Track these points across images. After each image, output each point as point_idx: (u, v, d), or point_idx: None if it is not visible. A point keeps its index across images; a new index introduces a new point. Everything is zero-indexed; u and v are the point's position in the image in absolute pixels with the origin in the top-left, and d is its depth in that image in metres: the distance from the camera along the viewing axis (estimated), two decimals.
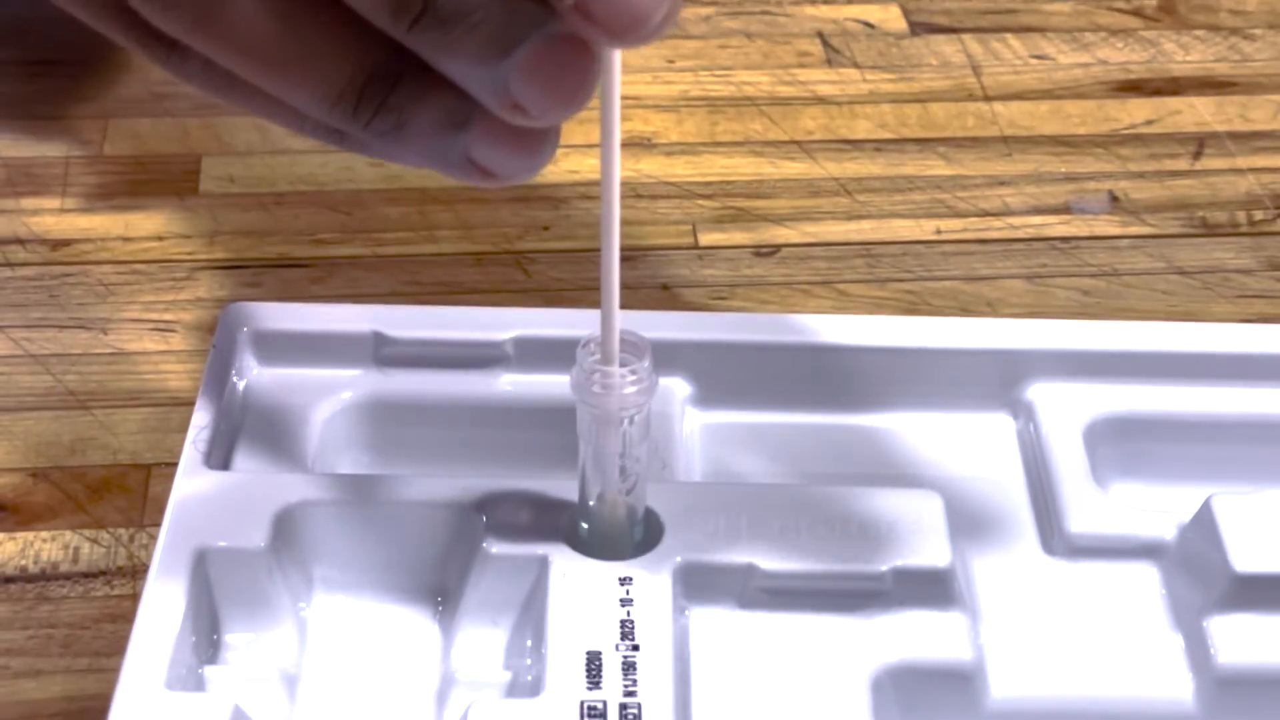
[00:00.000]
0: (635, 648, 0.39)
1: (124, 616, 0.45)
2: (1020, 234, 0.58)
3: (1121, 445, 0.48)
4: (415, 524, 0.43)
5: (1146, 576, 0.44)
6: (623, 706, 0.38)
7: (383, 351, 0.47)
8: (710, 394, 0.48)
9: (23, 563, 0.46)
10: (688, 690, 0.40)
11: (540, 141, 0.31)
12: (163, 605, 0.40)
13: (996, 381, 0.48)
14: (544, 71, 0.29)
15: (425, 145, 0.31)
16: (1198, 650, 0.42)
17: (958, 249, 0.57)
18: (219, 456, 0.44)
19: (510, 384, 0.48)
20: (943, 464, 0.48)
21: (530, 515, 0.42)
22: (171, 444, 0.49)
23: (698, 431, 0.48)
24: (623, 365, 0.39)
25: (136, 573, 0.46)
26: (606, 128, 0.34)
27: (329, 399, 0.47)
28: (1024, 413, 0.48)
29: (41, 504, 0.47)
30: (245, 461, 0.45)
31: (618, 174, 0.35)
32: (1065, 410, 0.47)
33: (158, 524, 0.46)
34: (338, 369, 0.47)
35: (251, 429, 0.46)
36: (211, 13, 0.30)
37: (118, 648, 0.40)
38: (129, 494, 0.48)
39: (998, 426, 0.48)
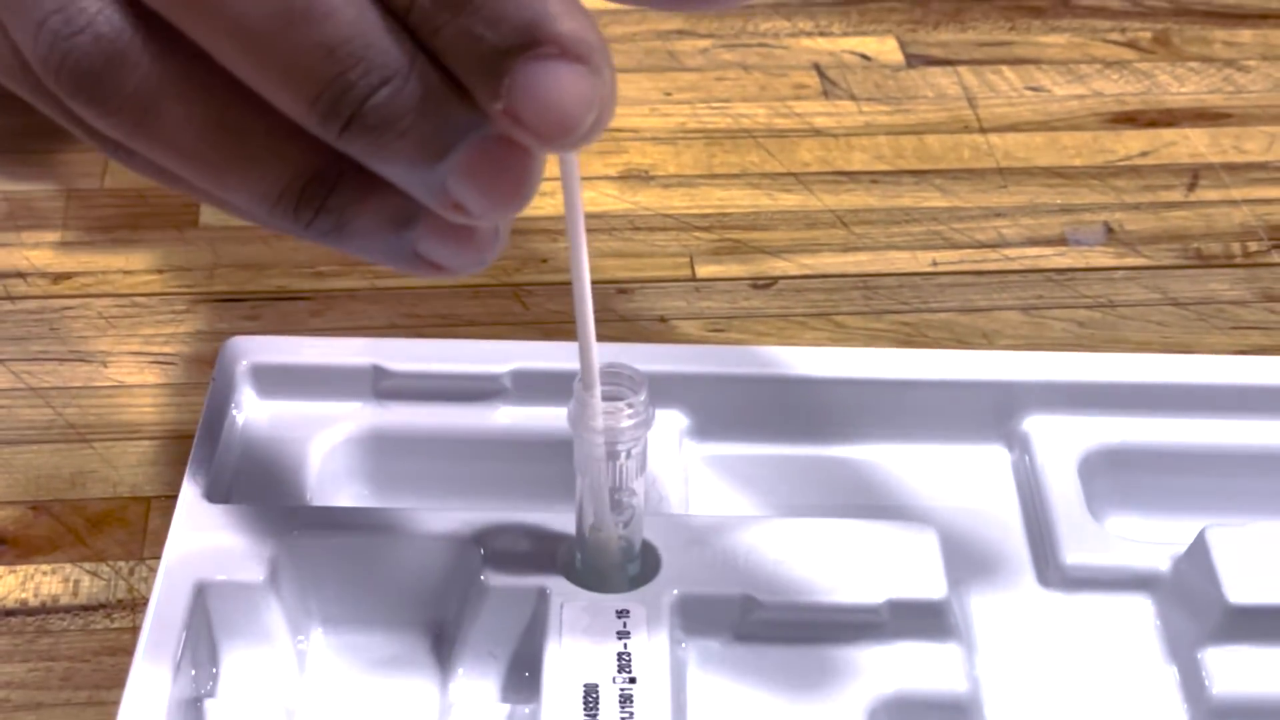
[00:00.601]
0: (633, 680, 0.39)
1: (124, 649, 0.45)
2: (1016, 265, 0.58)
3: (1116, 477, 0.48)
4: (413, 557, 0.43)
5: (1141, 608, 0.45)
6: None
7: (381, 384, 0.47)
8: (707, 427, 0.48)
9: (23, 596, 0.46)
10: None
11: (488, 236, 0.31)
12: (162, 638, 0.40)
13: (991, 413, 0.49)
14: (482, 173, 0.29)
15: (369, 244, 0.31)
16: (1192, 682, 0.42)
17: (954, 280, 0.58)
18: (219, 490, 0.44)
19: (508, 416, 0.48)
20: (938, 496, 0.48)
21: (528, 548, 0.42)
22: (171, 477, 0.49)
23: (695, 464, 0.48)
24: (619, 399, 0.39)
25: (136, 606, 0.46)
26: (572, 225, 0.35)
27: (328, 432, 0.47)
28: (1019, 444, 0.48)
29: (42, 537, 0.48)
30: (245, 494, 0.45)
31: (587, 279, 0.36)
32: (1060, 442, 0.48)
33: (157, 557, 0.46)
34: (337, 402, 0.48)
35: (251, 462, 0.46)
36: (147, 119, 0.30)
37: (117, 681, 0.41)
38: (129, 527, 0.48)
39: (993, 458, 0.49)
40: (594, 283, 0.37)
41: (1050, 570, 0.45)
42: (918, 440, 0.49)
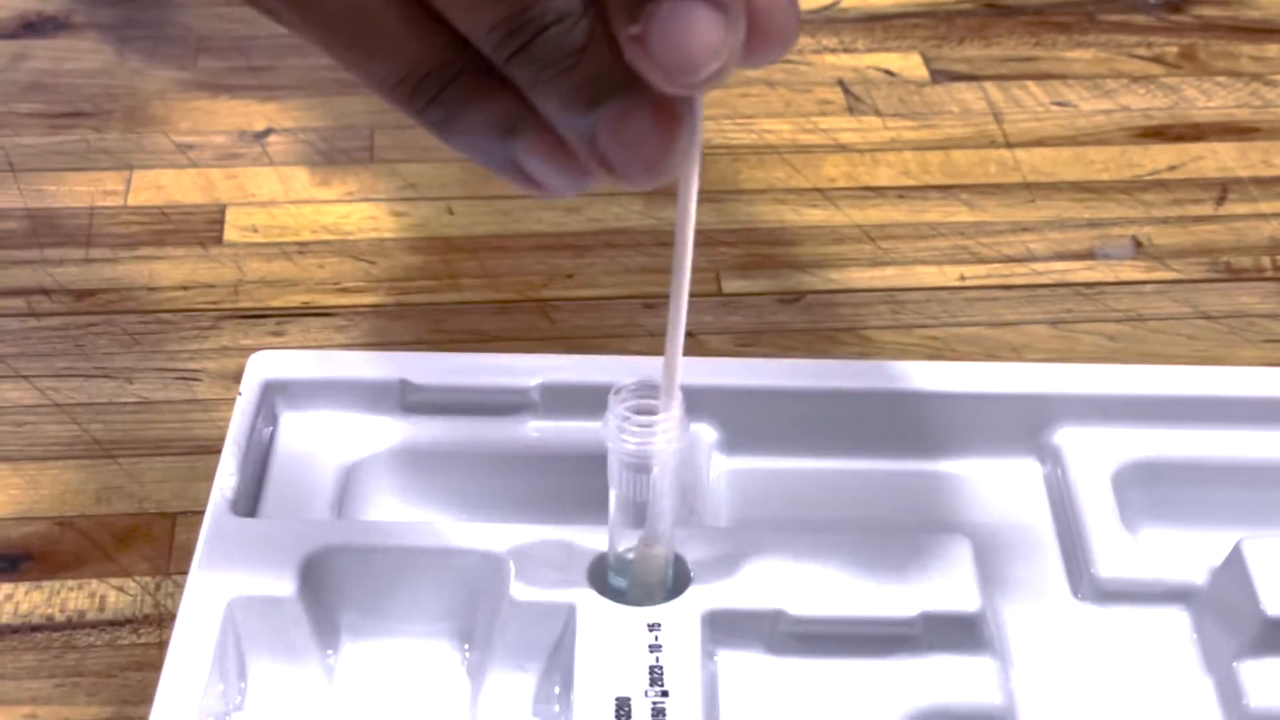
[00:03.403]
0: (665, 693, 0.39)
1: (150, 665, 0.44)
2: (1044, 280, 0.58)
3: (1150, 490, 0.47)
4: (442, 570, 0.42)
5: (1177, 621, 0.44)
6: None
7: (409, 398, 0.47)
8: (736, 440, 0.48)
9: (49, 611, 0.46)
10: None
11: (579, 165, 0.32)
12: (190, 652, 0.40)
13: (1023, 426, 0.48)
14: (628, 132, 0.30)
15: (473, 142, 0.32)
16: (1229, 695, 0.42)
17: (982, 295, 0.57)
18: (246, 503, 0.44)
19: (536, 430, 0.48)
20: (971, 509, 0.47)
21: (558, 561, 0.42)
22: (197, 492, 0.49)
23: (724, 477, 0.48)
24: (653, 413, 0.39)
25: (162, 621, 0.46)
26: (680, 242, 0.36)
27: (356, 446, 0.47)
28: (1051, 457, 0.48)
29: (68, 553, 0.47)
30: (272, 508, 0.45)
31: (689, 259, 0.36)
32: (1093, 455, 0.47)
33: (183, 572, 0.46)
34: (364, 416, 0.47)
35: (278, 476, 0.46)
36: None
37: (144, 696, 0.40)
38: (155, 542, 0.48)
39: (1025, 471, 0.48)
40: (621, 298, 0.37)
41: (1084, 583, 0.45)
42: (949, 454, 0.48)
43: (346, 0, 0.31)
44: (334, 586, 0.42)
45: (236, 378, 0.49)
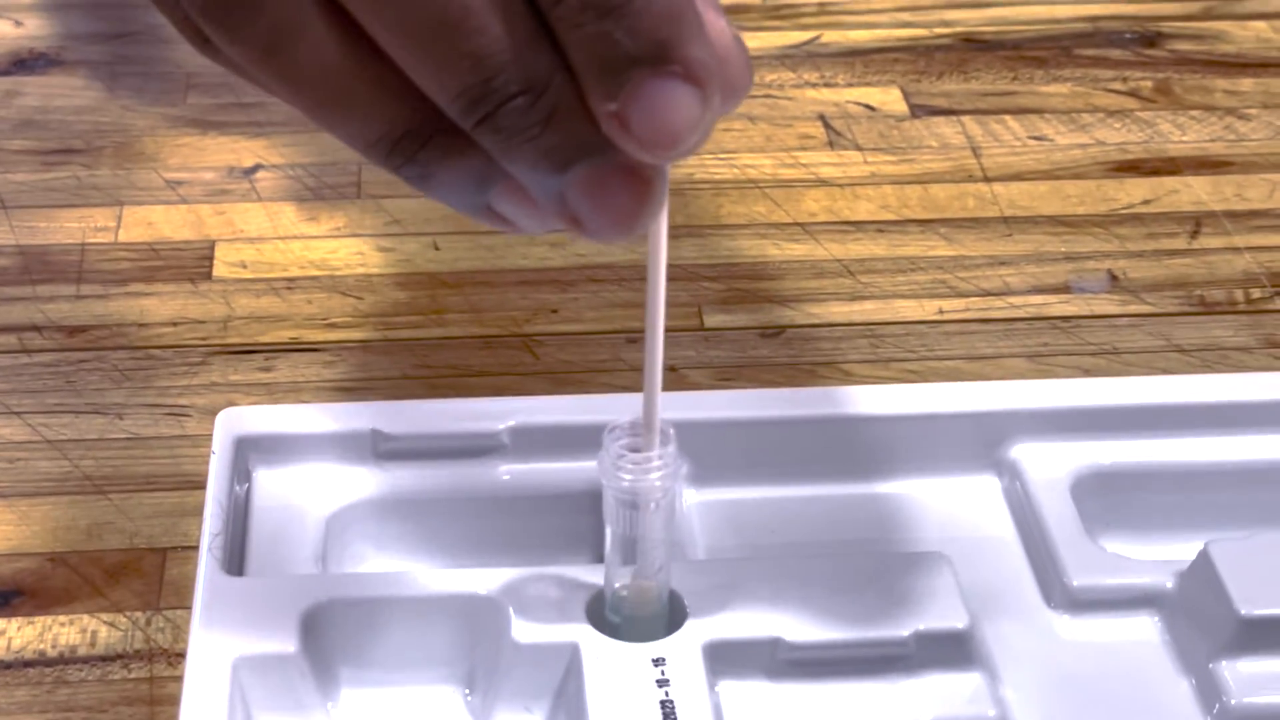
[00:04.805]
0: None
1: (141, 699, 0.45)
2: (1021, 313, 0.59)
3: (1106, 498, 0.49)
4: (439, 616, 0.43)
5: (1153, 625, 0.46)
6: None
7: (382, 447, 0.48)
8: (704, 471, 0.49)
9: (41, 647, 0.47)
10: None
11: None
12: (203, 716, 0.40)
13: (980, 443, 0.49)
14: (598, 194, 0.31)
15: (449, 194, 0.33)
16: (1209, 694, 0.43)
17: (960, 329, 0.58)
18: (234, 562, 0.45)
19: (509, 472, 0.48)
20: (938, 526, 0.49)
21: (555, 601, 0.43)
22: (187, 527, 0.50)
23: (694, 509, 0.49)
24: (648, 451, 0.40)
25: (153, 656, 0.46)
26: (652, 291, 0.37)
27: (333, 497, 0.47)
28: (1009, 471, 0.49)
29: (60, 588, 0.48)
30: (258, 565, 0.45)
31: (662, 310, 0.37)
32: (1050, 467, 0.49)
33: (174, 607, 0.47)
34: (339, 466, 0.48)
35: (259, 532, 0.46)
36: (271, 53, 0.31)
37: None
38: (145, 577, 0.48)
39: (985, 487, 0.50)
40: (605, 333, 0.38)
41: (1057, 593, 0.46)
42: (909, 474, 0.50)
43: (322, 64, 0.31)
44: (333, 640, 0.43)
45: None
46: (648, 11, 0.29)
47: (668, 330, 0.57)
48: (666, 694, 0.40)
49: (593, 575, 0.43)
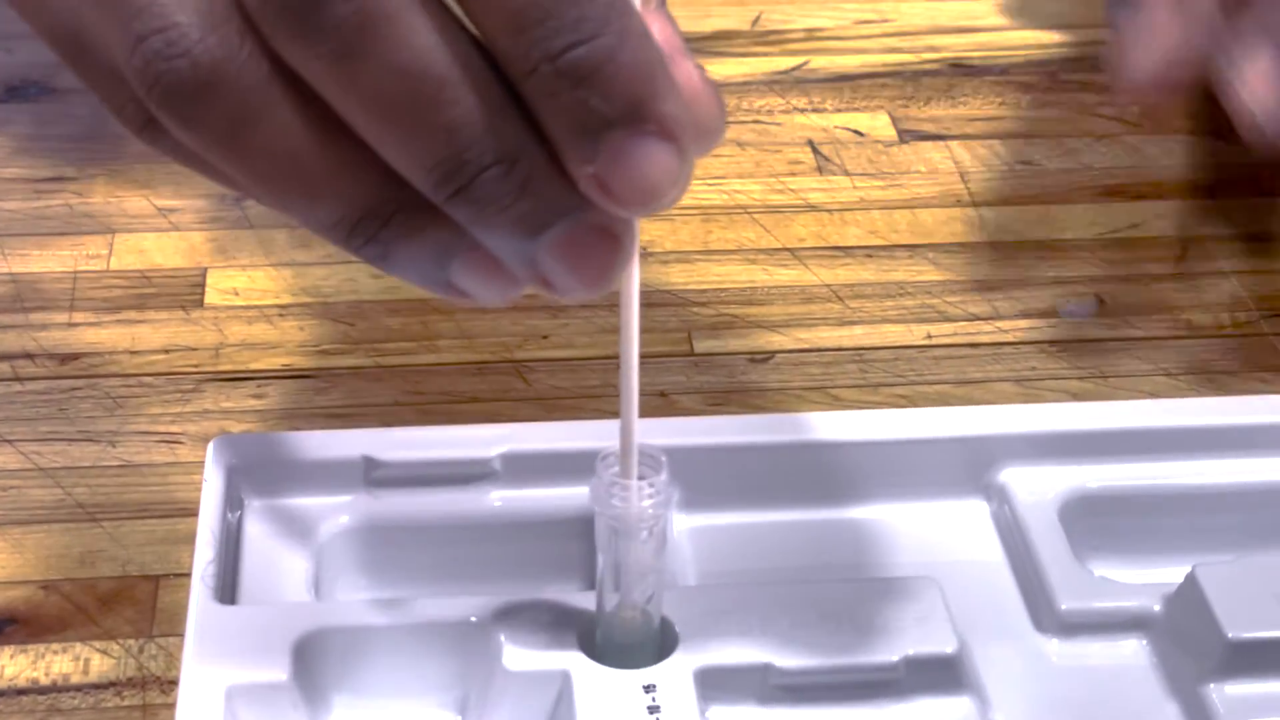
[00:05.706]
0: None
1: None
2: (1009, 338, 0.59)
3: (1093, 522, 0.49)
4: (431, 644, 0.43)
5: (1141, 648, 0.46)
6: None
7: (373, 475, 0.48)
8: (693, 497, 0.49)
9: (34, 674, 0.47)
10: None
11: (515, 277, 0.33)
12: None
13: (969, 467, 0.50)
14: (572, 255, 0.31)
15: (409, 271, 0.33)
16: (1198, 717, 0.44)
17: (948, 353, 0.59)
18: (225, 591, 0.45)
19: (500, 499, 0.48)
20: (926, 551, 0.49)
21: (546, 628, 0.43)
22: (180, 555, 0.50)
23: (684, 535, 0.49)
24: (641, 478, 0.40)
25: (145, 683, 0.46)
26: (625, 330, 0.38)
27: (324, 525, 0.47)
28: (997, 496, 0.50)
29: (52, 616, 0.48)
30: (251, 593, 0.45)
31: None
32: (1038, 491, 0.49)
33: (167, 635, 0.47)
34: (330, 495, 0.48)
35: (251, 559, 0.46)
36: (226, 141, 0.31)
37: None
38: (138, 605, 0.49)
39: (974, 511, 0.50)
40: (597, 359, 0.38)
41: (1046, 617, 0.46)
42: (898, 499, 0.50)
43: (285, 148, 0.31)
44: (326, 668, 0.43)
45: None
46: (620, 75, 0.29)
47: (658, 356, 0.58)
48: None
49: (584, 602, 0.43)
